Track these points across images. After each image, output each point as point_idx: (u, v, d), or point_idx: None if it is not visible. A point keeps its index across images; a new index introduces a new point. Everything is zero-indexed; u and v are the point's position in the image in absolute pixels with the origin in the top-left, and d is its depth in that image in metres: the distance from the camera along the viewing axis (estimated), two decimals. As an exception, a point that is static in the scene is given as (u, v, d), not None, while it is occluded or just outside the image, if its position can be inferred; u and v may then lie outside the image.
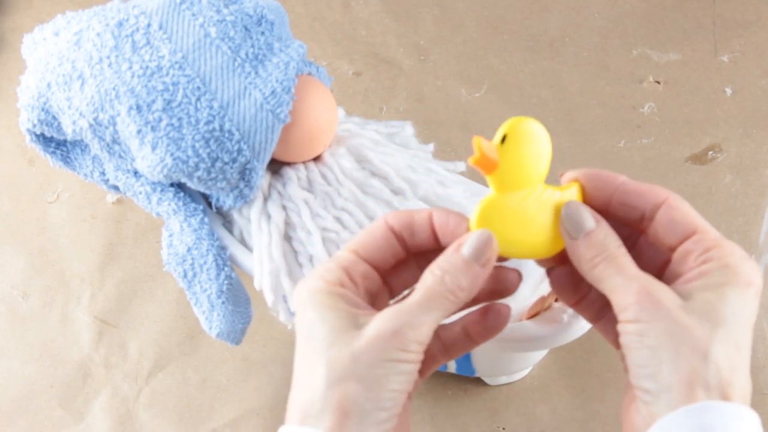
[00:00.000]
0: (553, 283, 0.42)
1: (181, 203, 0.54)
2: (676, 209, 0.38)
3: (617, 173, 0.40)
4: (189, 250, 0.53)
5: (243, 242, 0.55)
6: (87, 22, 0.54)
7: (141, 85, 0.50)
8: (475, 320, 0.41)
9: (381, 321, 0.36)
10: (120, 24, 0.52)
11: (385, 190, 0.54)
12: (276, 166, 0.55)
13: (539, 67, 0.78)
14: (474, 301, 0.41)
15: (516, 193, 0.41)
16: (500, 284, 0.41)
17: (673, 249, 0.38)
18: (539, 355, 0.58)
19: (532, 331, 0.51)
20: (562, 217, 0.39)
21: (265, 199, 0.54)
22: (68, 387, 0.62)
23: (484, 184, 0.63)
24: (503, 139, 0.41)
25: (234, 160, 0.51)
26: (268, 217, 0.53)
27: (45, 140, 0.56)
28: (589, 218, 0.39)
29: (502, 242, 0.41)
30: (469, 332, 0.41)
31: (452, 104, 0.76)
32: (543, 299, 0.52)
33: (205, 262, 0.53)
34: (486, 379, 0.60)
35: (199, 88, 0.51)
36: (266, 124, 0.51)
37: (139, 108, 0.50)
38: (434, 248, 0.40)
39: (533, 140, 0.41)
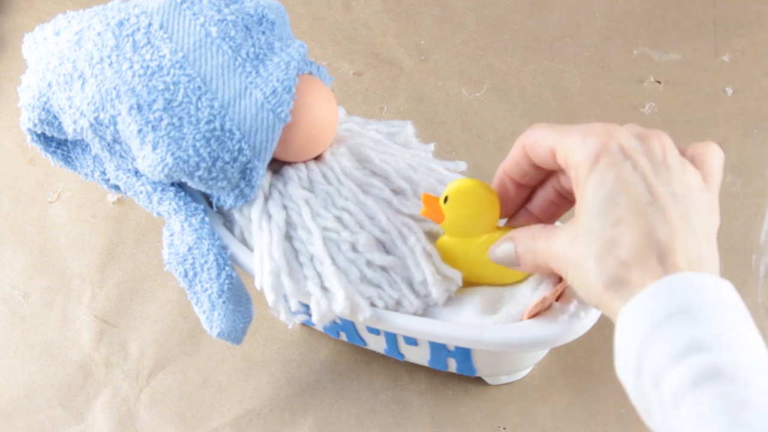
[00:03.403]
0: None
1: (181, 203, 0.54)
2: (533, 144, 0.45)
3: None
4: (190, 249, 0.53)
5: (244, 242, 0.55)
6: (88, 22, 0.54)
7: (142, 85, 0.50)
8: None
9: None
10: (121, 23, 0.52)
11: (385, 190, 0.54)
12: (277, 166, 0.55)
13: (540, 67, 0.78)
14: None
15: (464, 240, 0.51)
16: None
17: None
18: (540, 354, 0.58)
19: (532, 331, 0.51)
20: (499, 262, 0.48)
21: (266, 199, 0.54)
22: (69, 386, 0.62)
23: (485, 183, 0.63)
24: (446, 199, 0.49)
25: (235, 160, 0.51)
26: (269, 216, 0.53)
27: (46, 140, 0.56)
28: (506, 249, 0.47)
29: (463, 275, 0.52)
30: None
31: (453, 104, 0.76)
32: (543, 299, 0.52)
33: (205, 262, 0.53)
34: (486, 379, 0.60)
35: (199, 87, 0.51)
36: (267, 123, 0.51)
37: (139, 107, 0.50)
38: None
39: (472, 201, 0.49)
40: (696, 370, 0.35)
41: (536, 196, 0.49)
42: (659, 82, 0.76)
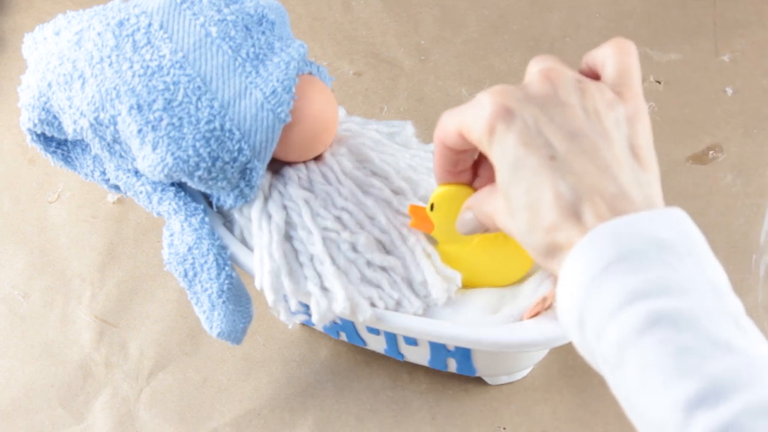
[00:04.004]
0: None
1: (181, 203, 0.54)
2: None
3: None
4: (190, 249, 0.53)
5: (244, 242, 0.55)
6: (88, 22, 0.54)
7: (142, 85, 0.50)
8: None
9: None
10: (121, 23, 0.52)
11: (385, 190, 0.54)
12: (277, 166, 0.55)
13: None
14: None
15: (457, 246, 0.52)
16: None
17: None
18: (540, 354, 0.58)
19: (532, 331, 0.51)
20: (466, 232, 0.47)
21: (266, 199, 0.54)
22: (69, 386, 0.62)
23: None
24: (432, 207, 0.49)
25: (234, 160, 0.51)
26: (269, 216, 0.53)
27: (46, 140, 0.56)
28: (468, 218, 0.46)
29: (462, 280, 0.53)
30: None
31: (453, 104, 0.76)
32: (544, 299, 0.52)
33: (205, 262, 0.53)
34: (487, 379, 0.60)
35: (199, 87, 0.51)
36: (267, 123, 0.51)
37: (139, 107, 0.50)
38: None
39: (459, 205, 0.48)
40: (635, 321, 0.34)
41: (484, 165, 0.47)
42: (659, 82, 0.76)
